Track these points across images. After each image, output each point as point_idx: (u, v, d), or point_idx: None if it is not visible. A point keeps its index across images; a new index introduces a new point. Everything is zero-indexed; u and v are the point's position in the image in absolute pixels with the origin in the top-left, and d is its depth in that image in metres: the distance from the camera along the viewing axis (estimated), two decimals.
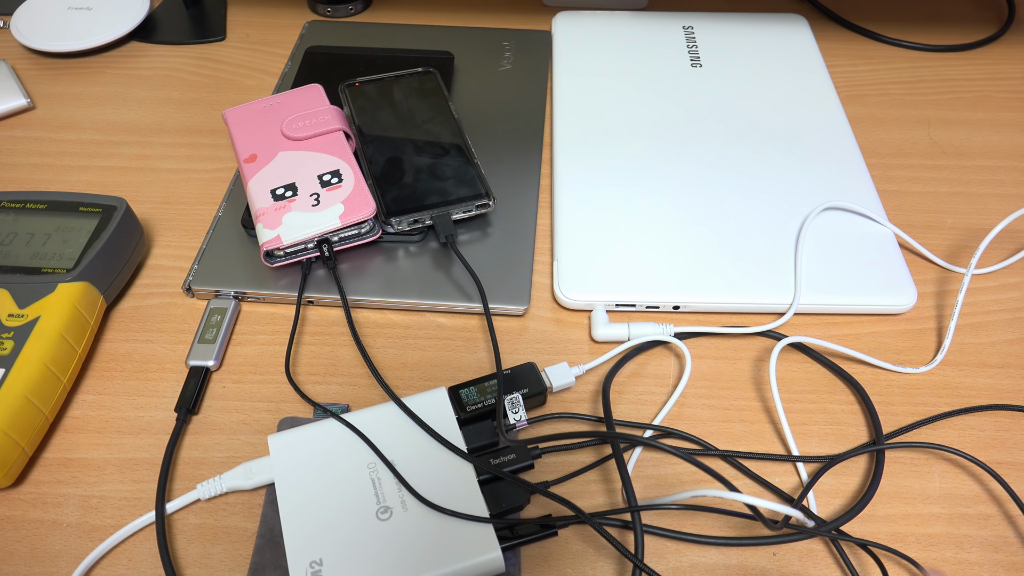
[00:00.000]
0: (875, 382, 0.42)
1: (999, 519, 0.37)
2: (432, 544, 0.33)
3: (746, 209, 0.48)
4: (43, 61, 0.62)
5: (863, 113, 0.58)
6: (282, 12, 0.67)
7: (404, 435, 0.37)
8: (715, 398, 0.41)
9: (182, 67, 0.61)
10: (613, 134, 0.53)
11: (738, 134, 0.53)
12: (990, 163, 0.54)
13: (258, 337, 0.44)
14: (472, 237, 0.47)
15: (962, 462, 0.39)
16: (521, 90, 0.58)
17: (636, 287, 0.44)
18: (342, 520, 0.34)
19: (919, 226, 0.50)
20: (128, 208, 0.44)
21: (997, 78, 0.61)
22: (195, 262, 0.46)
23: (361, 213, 0.44)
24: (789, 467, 0.39)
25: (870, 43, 0.65)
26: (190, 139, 0.55)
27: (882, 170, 0.53)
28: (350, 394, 0.41)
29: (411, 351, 0.43)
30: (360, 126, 0.49)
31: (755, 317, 0.45)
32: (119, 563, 0.35)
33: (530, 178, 0.51)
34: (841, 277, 0.44)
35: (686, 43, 0.61)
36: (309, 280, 0.45)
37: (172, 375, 0.42)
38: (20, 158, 0.54)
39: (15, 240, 0.42)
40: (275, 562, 0.34)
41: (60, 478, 0.38)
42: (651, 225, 0.47)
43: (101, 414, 0.40)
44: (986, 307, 0.45)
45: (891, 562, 0.36)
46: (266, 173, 0.46)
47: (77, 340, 0.40)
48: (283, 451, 0.36)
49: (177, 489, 0.37)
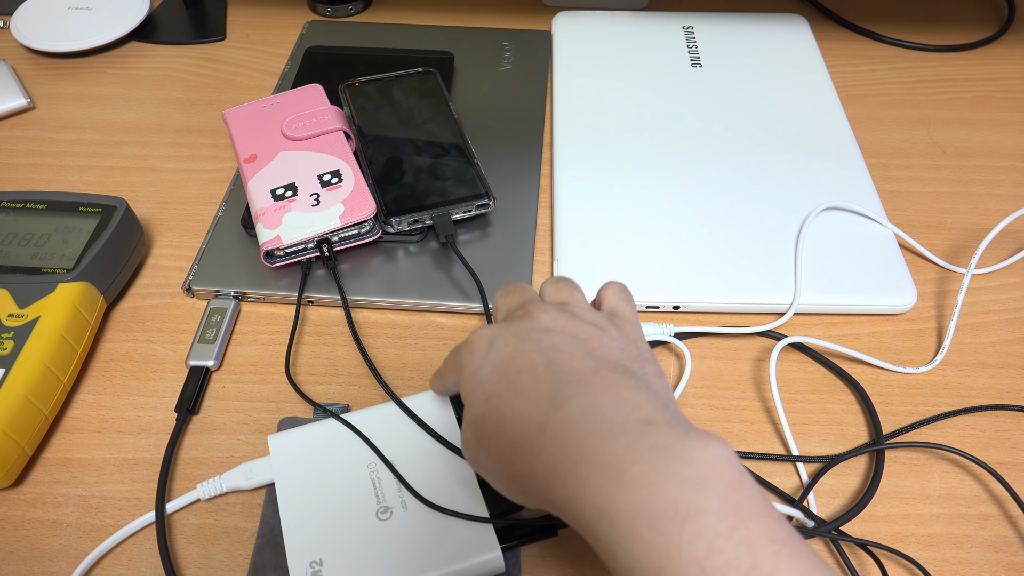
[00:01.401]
0: (875, 382, 0.42)
1: (999, 519, 0.37)
2: (432, 544, 0.33)
3: (746, 209, 0.48)
4: (43, 61, 0.62)
5: (863, 113, 0.58)
6: (282, 12, 0.67)
7: (404, 435, 0.37)
8: (715, 398, 0.41)
9: (182, 67, 0.61)
10: (613, 134, 0.53)
11: (738, 134, 0.53)
12: (990, 163, 0.54)
13: (258, 337, 0.44)
14: (472, 237, 0.47)
15: (962, 462, 0.39)
16: (521, 90, 0.58)
17: (636, 287, 0.44)
18: (342, 520, 0.34)
19: (919, 226, 0.50)
20: (128, 208, 0.44)
21: (997, 78, 0.61)
22: (195, 262, 0.46)
23: (361, 213, 0.44)
24: (789, 467, 0.39)
25: (870, 43, 0.65)
26: (190, 139, 0.55)
27: (882, 170, 0.53)
28: (350, 394, 0.41)
29: (411, 351, 0.43)
30: (360, 126, 0.49)
31: (755, 317, 0.45)
32: (119, 563, 0.35)
33: (530, 178, 0.51)
34: (841, 277, 0.44)
35: (686, 43, 0.61)
36: (309, 280, 0.45)
37: (172, 375, 0.42)
38: (20, 158, 0.54)
39: (15, 240, 0.42)
40: (275, 562, 0.34)
41: (60, 478, 0.38)
42: (651, 225, 0.47)
43: (101, 414, 0.40)
44: (986, 307, 0.45)
45: (891, 562, 0.36)
46: (266, 173, 0.46)
47: (77, 340, 0.40)
48: (283, 451, 0.36)
49: (177, 489, 0.37)
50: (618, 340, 0.30)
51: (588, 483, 0.25)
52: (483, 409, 0.29)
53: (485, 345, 0.30)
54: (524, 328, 0.30)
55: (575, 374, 0.28)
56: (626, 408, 0.26)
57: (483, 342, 0.31)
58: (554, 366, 0.28)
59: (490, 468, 0.29)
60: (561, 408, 0.27)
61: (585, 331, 0.30)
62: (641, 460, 0.24)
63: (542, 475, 0.26)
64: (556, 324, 0.30)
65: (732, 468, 0.24)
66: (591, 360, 0.28)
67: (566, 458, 0.26)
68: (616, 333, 0.31)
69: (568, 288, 0.33)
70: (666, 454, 0.24)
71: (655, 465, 0.24)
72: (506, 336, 0.30)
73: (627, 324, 0.32)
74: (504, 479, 0.29)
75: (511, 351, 0.29)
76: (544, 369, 0.28)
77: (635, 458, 0.24)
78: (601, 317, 0.31)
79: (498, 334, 0.30)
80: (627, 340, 0.31)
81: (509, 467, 0.28)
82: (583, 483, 0.25)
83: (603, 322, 0.31)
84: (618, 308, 0.33)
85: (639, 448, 0.24)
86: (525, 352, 0.29)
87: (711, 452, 0.24)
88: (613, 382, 0.27)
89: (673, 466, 0.24)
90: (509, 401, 0.28)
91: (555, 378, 0.28)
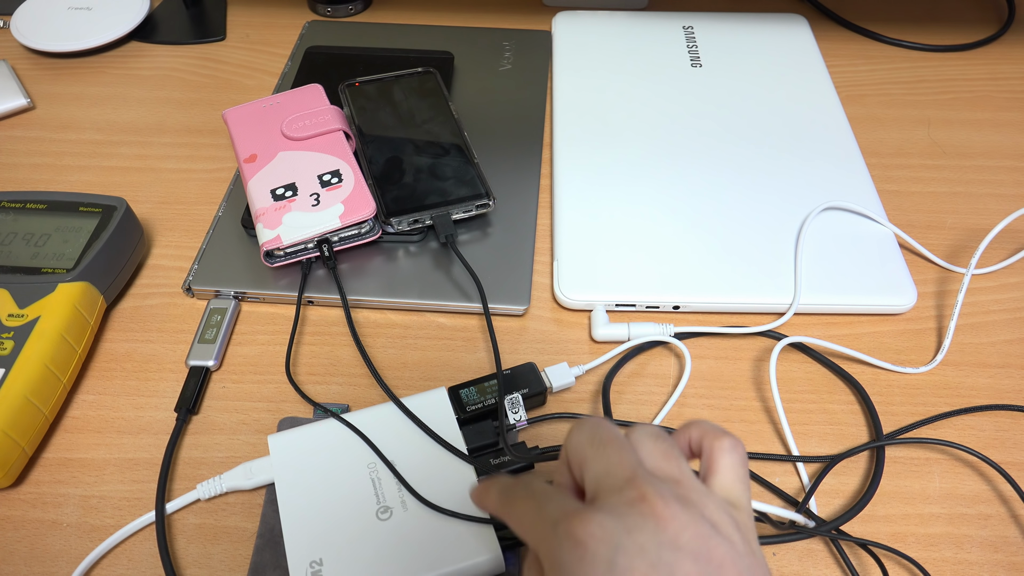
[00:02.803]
0: (875, 382, 0.42)
1: (999, 519, 0.37)
2: (432, 544, 0.33)
3: (746, 209, 0.48)
4: (43, 61, 0.62)
5: (863, 113, 0.58)
6: (282, 12, 0.67)
7: (404, 435, 0.37)
8: (715, 398, 0.41)
9: (182, 67, 0.61)
10: (613, 134, 0.53)
11: (738, 134, 0.53)
12: (990, 163, 0.54)
13: (258, 337, 0.44)
14: (472, 237, 0.47)
15: (961, 462, 0.39)
16: (521, 90, 0.58)
17: (636, 287, 0.44)
18: (342, 520, 0.34)
19: (919, 226, 0.50)
20: (128, 208, 0.44)
21: (997, 78, 0.61)
22: (195, 262, 0.46)
23: (361, 213, 0.44)
24: (789, 467, 0.39)
25: (870, 43, 0.65)
26: (190, 139, 0.55)
27: (882, 170, 0.53)
28: (350, 394, 0.41)
29: (411, 351, 0.43)
30: (360, 126, 0.49)
31: (755, 317, 0.45)
32: (119, 563, 0.35)
33: (530, 178, 0.51)
34: (841, 277, 0.44)
35: (686, 43, 0.61)
36: (309, 280, 0.45)
37: (172, 375, 0.42)
38: (20, 158, 0.54)
39: (15, 240, 0.42)
40: (275, 562, 0.34)
41: (60, 478, 0.38)
42: (651, 225, 0.47)
43: (101, 414, 0.40)
44: (986, 307, 0.45)
45: (891, 562, 0.36)
46: (266, 173, 0.46)
47: (77, 340, 0.40)
48: (283, 451, 0.36)
49: (177, 489, 0.37)
50: (745, 557, 0.25)
51: None
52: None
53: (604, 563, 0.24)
54: (652, 544, 0.24)
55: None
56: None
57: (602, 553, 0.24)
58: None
59: None
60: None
61: (718, 550, 0.24)
62: None
63: None
64: (685, 537, 0.24)
65: None
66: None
67: None
68: (742, 547, 0.25)
69: (675, 457, 0.27)
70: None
71: None
72: (631, 555, 0.24)
73: (747, 522, 0.26)
74: None
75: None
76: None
77: None
78: (723, 513, 0.25)
79: (621, 548, 0.24)
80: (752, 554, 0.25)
81: None
82: None
83: (726, 523, 0.25)
84: (736, 496, 0.27)
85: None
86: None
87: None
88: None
89: None
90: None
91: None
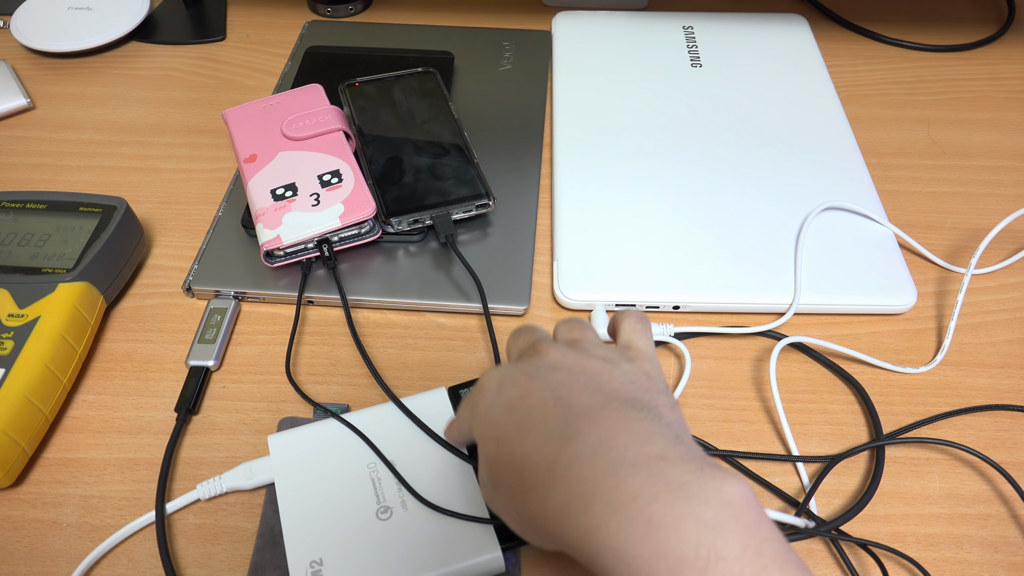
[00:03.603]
0: (875, 382, 0.42)
1: (999, 519, 0.37)
2: (432, 544, 0.33)
3: (746, 209, 0.48)
4: (43, 61, 0.62)
5: (863, 113, 0.58)
6: (282, 12, 0.67)
7: (404, 435, 0.37)
8: (715, 398, 0.41)
9: (182, 67, 0.61)
10: (613, 134, 0.53)
11: (738, 134, 0.53)
12: (990, 163, 0.54)
13: (258, 337, 0.44)
14: (472, 237, 0.47)
15: (961, 462, 0.39)
16: (521, 90, 0.58)
17: (636, 287, 0.44)
18: (342, 520, 0.34)
19: (919, 226, 0.50)
20: (128, 208, 0.44)
21: (997, 78, 0.61)
22: (195, 262, 0.46)
23: (361, 213, 0.44)
24: (789, 467, 0.39)
25: (870, 43, 0.65)
26: (190, 139, 0.55)
27: (882, 170, 0.53)
28: (350, 394, 0.41)
29: (411, 351, 0.43)
30: (360, 126, 0.49)
31: (755, 317, 0.45)
32: (119, 563, 0.35)
33: (530, 178, 0.51)
34: (841, 277, 0.44)
35: (686, 43, 0.61)
36: (309, 280, 0.45)
37: (172, 375, 0.42)
38: (20, 158, 0.54)
39: (15, 240, 0.42)
40: (275, 562, 0.34)
41: (60, 478, 0.38)
42: (651, 225, 0.47)
43: (101, 414, 0.40)
44: (986, 307, 0.45)
45: (891, 562, 0.36)
46: (266, 173, 0.46)
47: (77, 340, 0.40)
48: (283, 451, 0.36)
49: (177, 489, 0.37)
50: (628, 372, 0.30)
51: (602, 523, 0.24)
52: (495, 449, 0.29)
53: (495, 386, 0.30)
54: (532, 366, 0.30)
55: (584, 409, 0.27)
56: (638, 442, 0.26)
57: (493, 383, 0.30)
58: (562, 402, 0.28)
59: (505, 509, 0.29)
60: (571, 444, 0.26)
61: (594, 365, 0.29)
62: (657, 499, 0.24)
63: (554, 514, 0.26)
64: (564, 360, 0.30)
65: (750, 509, 0.24)
66: (600, 394, 0.28)
67: (578, 496, 0.25)
68: (627, 366, 0.30)
69: (579, 327, 0.33)
70: (682, 493, 0.24)
71: (672, 505, 0.23)
72: (514, 375, 0.30)
73: (640, 356, 0.32)
74: (518, 519, 0.28)
75: (519, 390, 0.29)
76: (553, 406, 0.28)
77: (650, 497, 0.24)
78: (612, 351, 0.31)
79: (507, 374, 0.30)
80: (638, 372, 0.30)
81: (522, 507, 0.27)
82: (597, 523, 0.24)
83: (614, 356, 0.31)
84: (632, 341, 0.33)
85: (653, 486, 0.24)
86: (533, 390, 0.29)
87: (729, 492, 0.24)
88: (623, 415, 0.27)
89: (691, 507, 0.23)
90: (519, 440, 0.28)
91: (564, 414, 0.27)
